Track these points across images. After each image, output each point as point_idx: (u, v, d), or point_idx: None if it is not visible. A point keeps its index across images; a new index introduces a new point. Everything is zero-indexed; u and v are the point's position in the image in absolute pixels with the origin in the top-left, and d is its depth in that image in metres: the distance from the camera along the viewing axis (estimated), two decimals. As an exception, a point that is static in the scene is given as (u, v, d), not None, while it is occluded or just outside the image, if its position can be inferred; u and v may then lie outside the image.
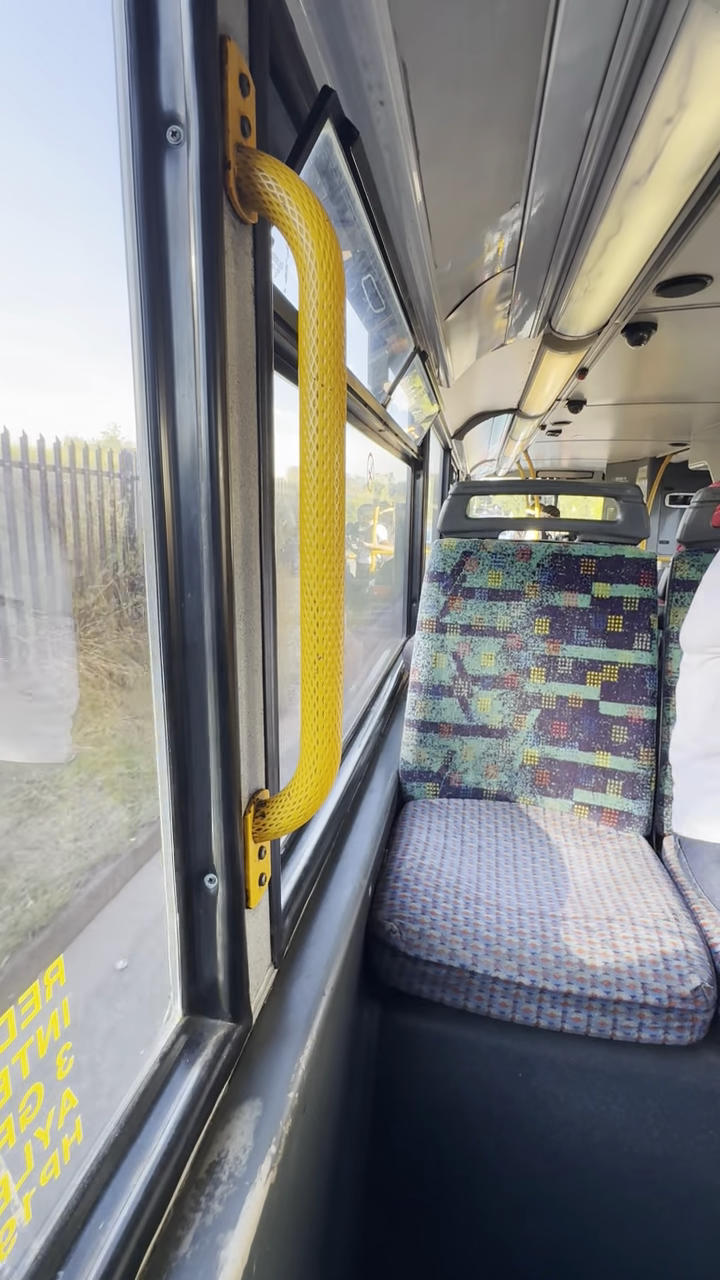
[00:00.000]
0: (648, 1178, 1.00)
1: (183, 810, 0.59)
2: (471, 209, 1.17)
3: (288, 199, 0.47)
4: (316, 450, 0.49)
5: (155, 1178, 0.48)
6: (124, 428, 0.75)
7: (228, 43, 0.46)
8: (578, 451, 5.80)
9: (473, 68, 0.82)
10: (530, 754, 1.62)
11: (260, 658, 0.62)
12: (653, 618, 1.57)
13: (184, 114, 0.45)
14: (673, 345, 2.31)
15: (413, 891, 1.19)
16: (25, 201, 0.60)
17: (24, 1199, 0.45)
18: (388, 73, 0.73)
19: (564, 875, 1.30)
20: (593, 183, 1.06)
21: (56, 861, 0.97)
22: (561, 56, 0.81)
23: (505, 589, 1.68)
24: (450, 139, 0.95)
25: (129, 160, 0.46)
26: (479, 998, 1.05)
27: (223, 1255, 0.46)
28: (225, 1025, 0.63)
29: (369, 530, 4.43)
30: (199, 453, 0.50)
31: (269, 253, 0.58)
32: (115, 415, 0.81)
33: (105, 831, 1.07)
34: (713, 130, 0.86)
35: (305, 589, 0.53)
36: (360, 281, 1.21)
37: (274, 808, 0.61)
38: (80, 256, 0.66)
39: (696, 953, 1.05)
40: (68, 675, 0.95)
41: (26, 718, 0.92)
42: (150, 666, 0.56)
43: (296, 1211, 0.66)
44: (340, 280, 0.47)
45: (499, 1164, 1.05)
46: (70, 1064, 0.49)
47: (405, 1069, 1.08)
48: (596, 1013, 1.01)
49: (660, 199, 1.03)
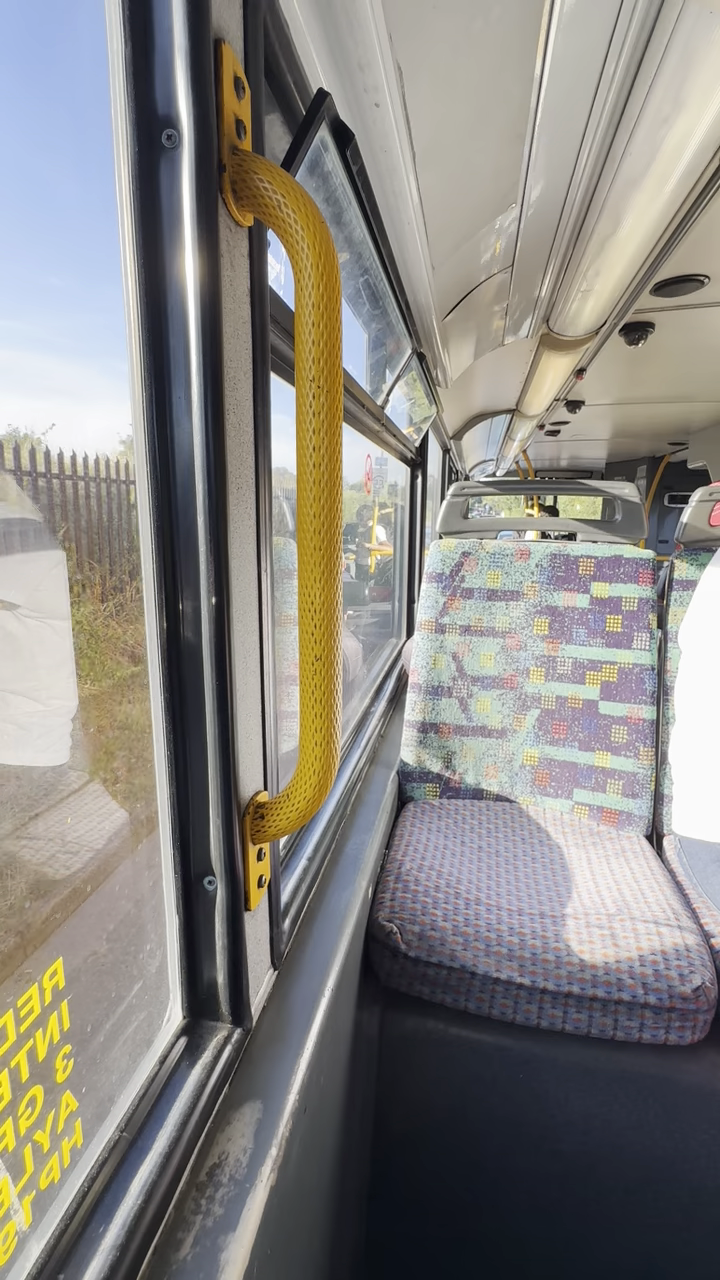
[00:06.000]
0: (649, 1178, 1.00)
1: (181, 813, 0.59)
2: (468, 210, 1.17)
3: (283, 201, 0.47)
4: (314, 452, 0.50)
5: (156, 1180, 0.48)
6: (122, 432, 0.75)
7: (222, 46, 0.46)
8: (577, 451, 5.82)
9: (468, 70, 0.82)
10: (530, 754, 1.62)
11: (258, 659, 0.62)
12: (652, 617, 1.57)
13: (179, 117, 0.45)
14: (670, 345, 2.32)
15: (413, 893, 1.19)
16: (23, 204, 0.60)
17: (24, 1202, 0.45)
18: (383, 75, 0.73)
19: (564, 875, 1.30)
20: (589, 183, 1.07)
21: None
22: (557, 58, 0.81)
23: (504, 589, 1.68)
24: (446, 140, 0.95)
25: (124, 164, 0.47)
26: (480, 999, 1.05)
27: (223, 1258, 0.46)
28: (225, 1027, 0.63)
29: (368, 531, 4.43)
30: (196, 455, 0.50)
31: (265, 255, 0.58)
32: (113, 419, 0.81)
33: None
34: (708, 130, 0.86)
35: (303, 590, 0.53)
36: (357, 283, 1.21)
37: (273, 810, 0.61)
38: (79, 257, 0.66)
39: (697, 952, 1.05)
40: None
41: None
42: (148, 668, 0.56)
43: (298, 1213, 0.65)
44: (336, 282, 0.47)
45: (500, 1165, 1.05)
46: (70, 1067, 0.49)
47: (406, 1071, 1.08)
48: (598, 1013, 1.01)
49: (657, 199, 1.03)
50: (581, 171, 1.05)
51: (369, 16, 0.65)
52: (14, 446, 0.74)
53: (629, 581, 1.59)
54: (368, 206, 0.96)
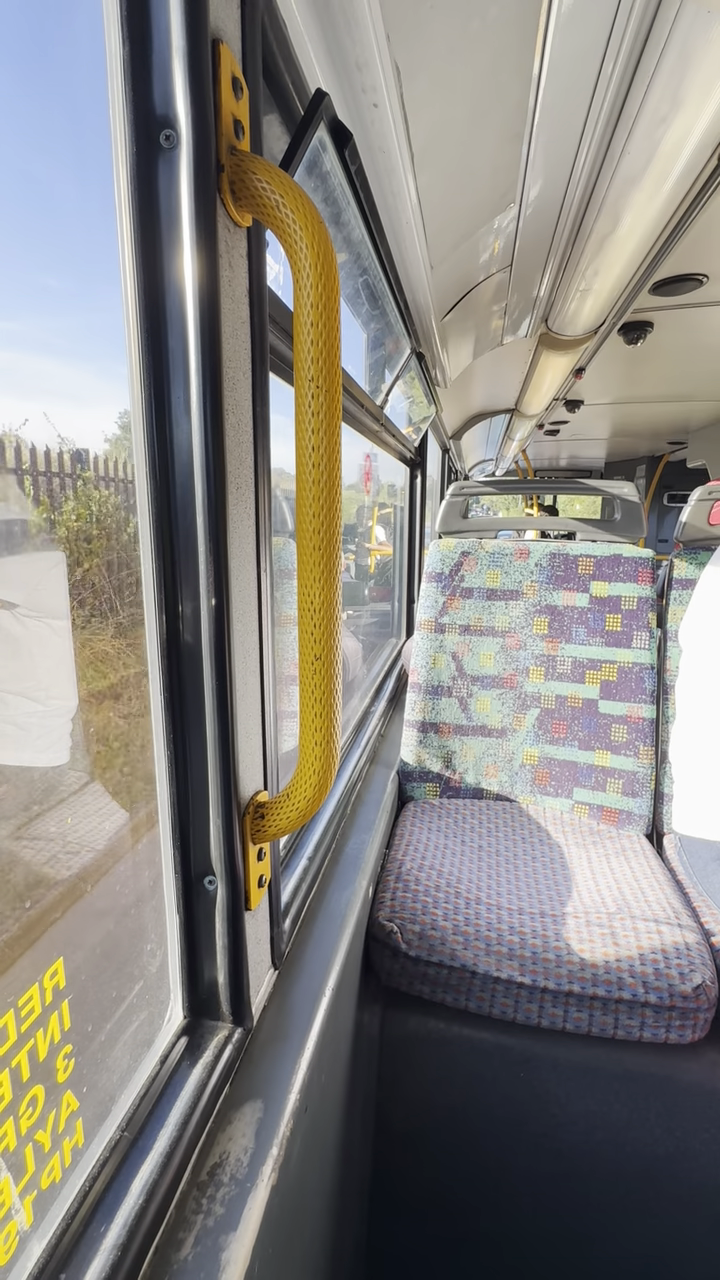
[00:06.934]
0: (650, 1177, 1.00)
1: (182, 812, 0.59)
2: (467, 210, 1.17)
3: (281, 201, 0.47)
4: (313, 452, 0.50)
5: (157, 1180, 0.48)
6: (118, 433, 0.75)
7: (220, 46, 0.46)
8: (576, 451, 5.82)
9: (466, 69, 0.82)
10: (530, 753, 1.62)
11: (258, 660, 0.62)
12: (651, 616, 1.57)
13: (177, 118, 0.45)
14: (669, 344, 2.32)
15: (413, 892, 1.19)
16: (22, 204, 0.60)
17: (25, 1202, 0.45)
18: (381, 75, 0.73)
19: (564, 874, 1.30)
20: (588, 183, 1.07)
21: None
22: (555, 57, 0.81)
23: (504, 589, 1.68)
24: (444, 140, 0.95)
25: (123, 164, 0.47)
26: (480, 998, 1.05)
27: (224, 1257, 0.46)
28: (226, 1027, 0.63)
29: (368, 531, 4.43)
30: (195, 455, 0.50)
31: (263, 255, 0.58)
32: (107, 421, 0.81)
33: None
34: (707, 128, 0.86)
35: (303, 590, 0.53)
36: (356, 283, 1.21)
37: (273, 809, 0.61)
38: (77, 258, 0.66)
39: (698, 951, 1.05)
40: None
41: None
42: (148, 669, 0.56)
43: (299, 1213, 0.65)
44: (334, 282, 0.47)
45: (501, 1164, 1.05)
46: (70, 1067, 0.49)
47: (407, 1070, 1.08)
48: (598, 1012, 1.01)
49: (655, 198, 1.03)
50: (580, 171, 1.06)
51: (367, 16, 0.65)
52: (14, 446, 0.74)
53: (628, 580, 1.59)
54: (366, 206, 0.96)
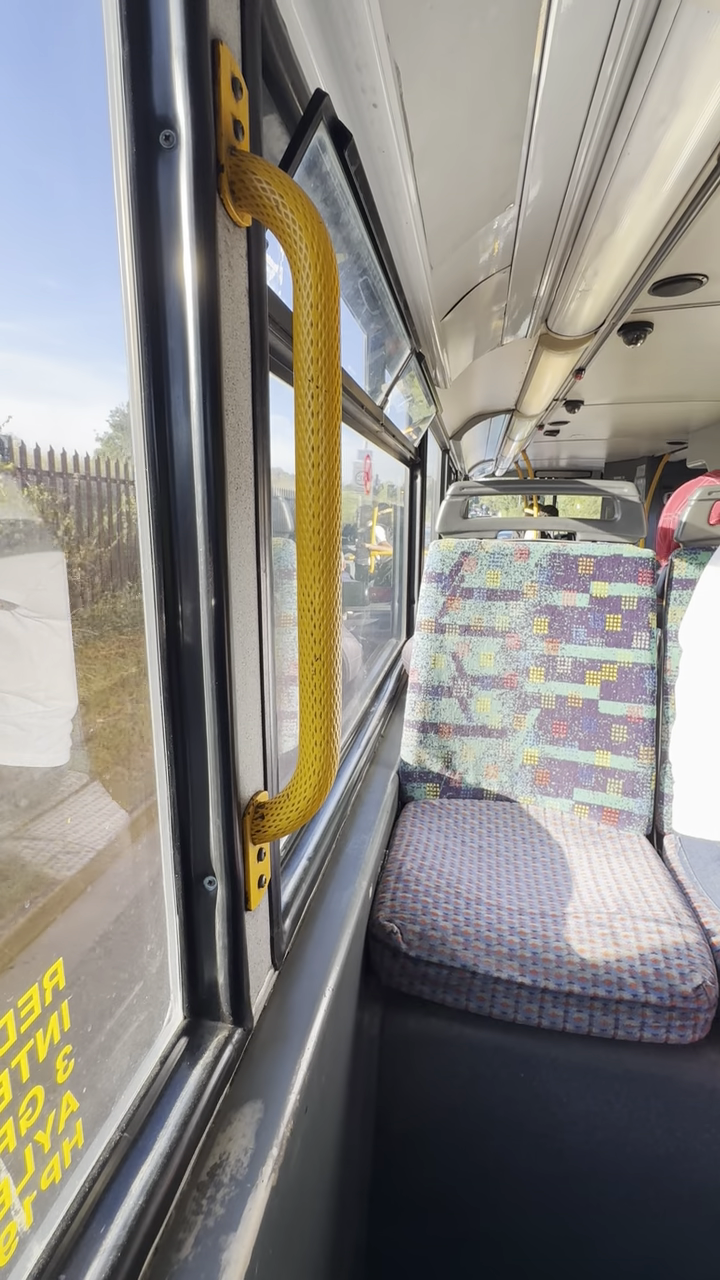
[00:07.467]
0: (651, 1177, 1.00)
1: (182, 813, 0.59)
2: (466, 210, 1.17)
3: (281, 201, 0.47)
4: (312, 452, 0.50)
5: (157, 1180, 0.48)
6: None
7: (220, 46, 0.46)
8: (576, 451, 5.82)
9: (465, 70, 0.82)
10: (530, 754, 1.62)
11: (258, 660, 0.62)
12: (651, 616, 1.57)
13: (176, 118, 0.45)
14: (669, 345, 2.32)
15: (413, 892, 1.19)
16: (19, 205, 0.60)
17: (25, 1203, 0.45)
18: (380, 75, 0.73)
19: (565, 875, 1.30)
20: (587, 183, 1.07)
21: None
22: (554, 58, 0.81)
23: (504, 589, 1.68)
24: (444, 141, 0.95)
25: (122, 164, 0.47)
26: (480, 998, 1.05)
27: (224, 1258, 0.46)
28: (226, 1028, 0.63)
29: (367, 531, 4.42)
30: (195, 455, 0.50)
31: (263, 255, 0.58)
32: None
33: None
34: (706, 129, 0.86)
35: (303, 591, 0.53)
36: (356, 283, 1.21)
37: (273, 810, 0.61)
38: (77, 259, 0.66)
39: (698, 951, 1.05)
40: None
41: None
42: (147, 669, 0.56)
43: (299, 1213, 0.65)
44: (334, 282, 0.47)
45: (502, 1165, 1.05)
46: (70, 1067, 0.49)
47: (407, 1071, 1.08)
48: (599, 1012, 1.01)
49: (655, 198, 1.03)
50: (579, 171, 1.06)
51: (366, 17, 0.65)
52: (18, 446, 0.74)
53: (628, 581, 1.59)
54: (366, 207, 0.96)
